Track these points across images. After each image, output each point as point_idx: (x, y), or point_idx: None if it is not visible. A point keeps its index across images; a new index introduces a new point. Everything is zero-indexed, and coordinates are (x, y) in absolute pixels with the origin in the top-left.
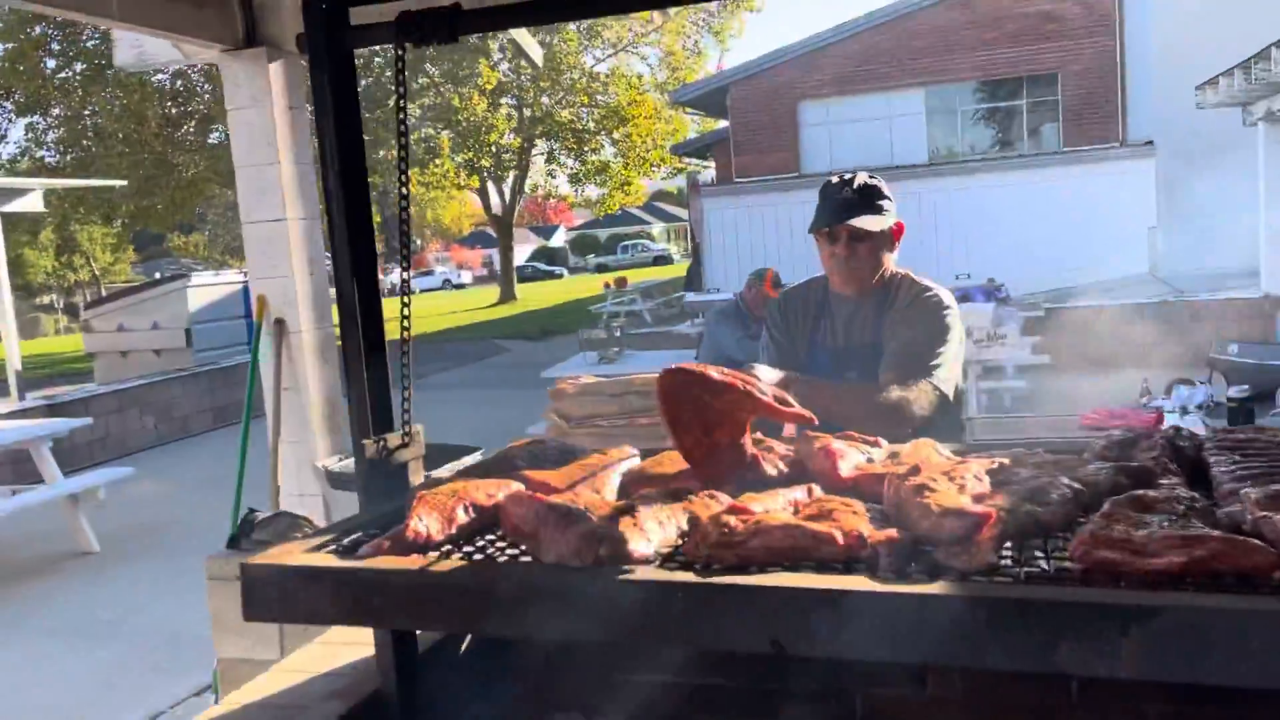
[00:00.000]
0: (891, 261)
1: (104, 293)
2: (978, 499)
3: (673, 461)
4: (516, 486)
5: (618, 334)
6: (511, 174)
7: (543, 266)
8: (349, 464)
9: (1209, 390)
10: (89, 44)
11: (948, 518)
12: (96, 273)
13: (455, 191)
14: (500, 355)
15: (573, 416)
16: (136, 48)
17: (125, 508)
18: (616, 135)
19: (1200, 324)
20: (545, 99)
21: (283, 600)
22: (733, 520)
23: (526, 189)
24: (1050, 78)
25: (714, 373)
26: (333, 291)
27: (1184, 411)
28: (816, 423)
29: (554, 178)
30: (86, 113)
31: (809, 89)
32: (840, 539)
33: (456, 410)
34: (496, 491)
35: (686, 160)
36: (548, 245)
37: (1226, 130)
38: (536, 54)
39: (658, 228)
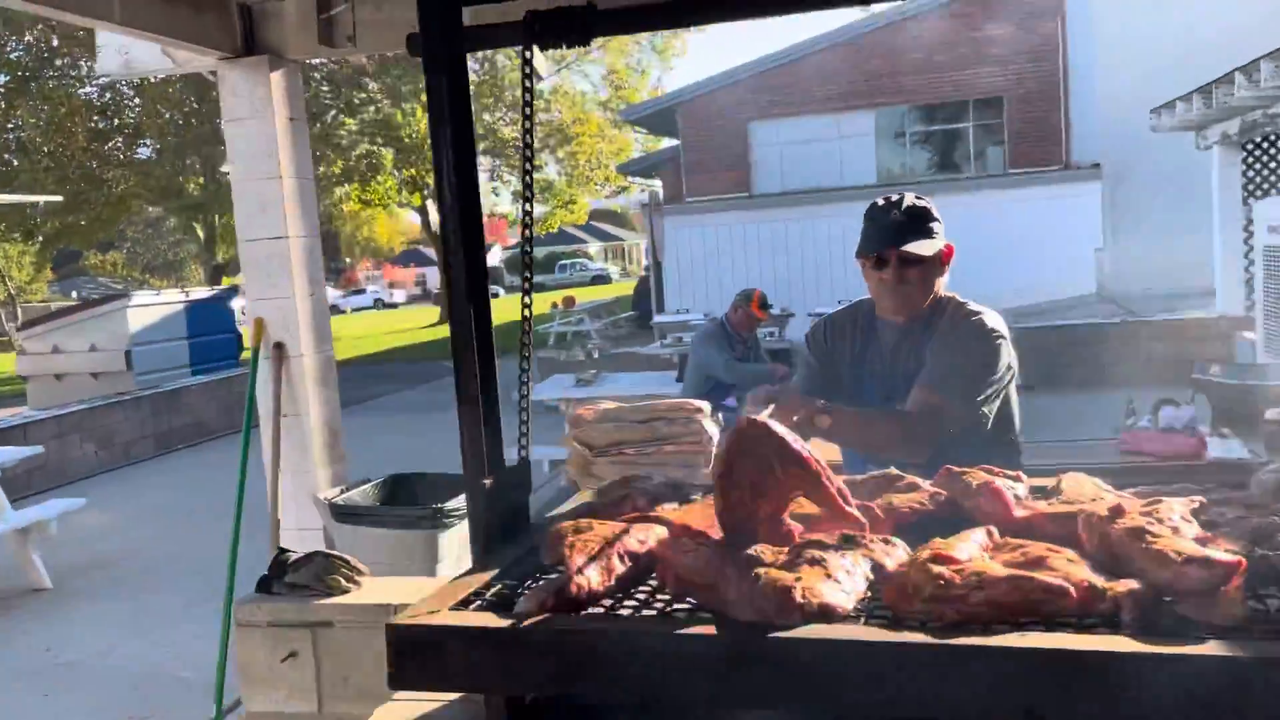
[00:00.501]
0: (941, 285)
1: (19, 313)
2: (1202, 543)
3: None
4: (660, 530)
5: (595, 355)
6: None
7: None
8: (351, 496)
9: (1192, 411)
10: (13, 55)
11: (1192, 566)
12: (12, 292)
13: (396, 209)
14: (447, 377)
15: (596, 445)
16: (123, 55)
17: (75, 540)
18: (560, 153)
19: (1160, 344)
20: (487, 116)
21: (444, 667)
22: (945, 571)
23: None
24: (996, 101)
25: (794, 442)
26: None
27: (1222, 436)
28: (867, 528)
29: (497, 195)
30: (10, 126)
31: (760, 109)
32: (1074, 591)
33: (416, 438)
34: (645, 536)
35: (632, 179)
36: None
37: (1175, 153)
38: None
39: (595, 247)
